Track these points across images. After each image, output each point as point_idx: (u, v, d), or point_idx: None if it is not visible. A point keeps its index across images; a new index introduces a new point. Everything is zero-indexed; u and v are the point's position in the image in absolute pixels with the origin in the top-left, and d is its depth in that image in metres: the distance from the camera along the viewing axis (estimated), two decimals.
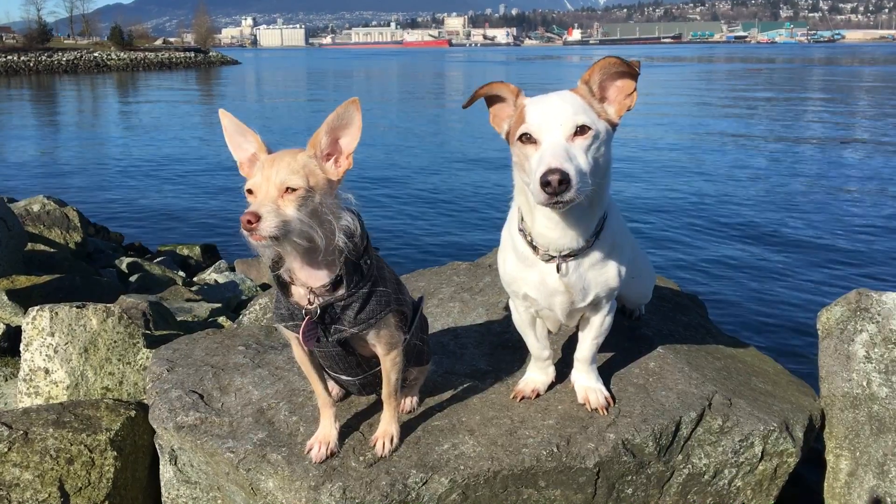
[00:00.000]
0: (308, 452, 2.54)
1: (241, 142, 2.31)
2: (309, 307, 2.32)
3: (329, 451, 2.54)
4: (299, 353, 2.50)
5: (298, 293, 2.34)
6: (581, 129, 2.20)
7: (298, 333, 2.35)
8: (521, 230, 2.54)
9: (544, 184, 2.08)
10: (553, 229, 2.41)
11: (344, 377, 2.62)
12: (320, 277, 2.29)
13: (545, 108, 2.25)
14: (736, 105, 39.14)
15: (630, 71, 2.31)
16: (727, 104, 39.77)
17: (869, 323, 3.13)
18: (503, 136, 2.42)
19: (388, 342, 2.46)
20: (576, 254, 2.48)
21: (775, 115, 34.08)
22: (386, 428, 2.61)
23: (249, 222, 2.04)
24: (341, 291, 2.31)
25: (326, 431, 2.58)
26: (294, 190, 2.12)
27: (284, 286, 2.36)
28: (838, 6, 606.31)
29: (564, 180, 2.07)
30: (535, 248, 2.50)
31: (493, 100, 2.43)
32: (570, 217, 2.37)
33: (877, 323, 3.12)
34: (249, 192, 2.15)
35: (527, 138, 2.24)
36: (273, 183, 2.11)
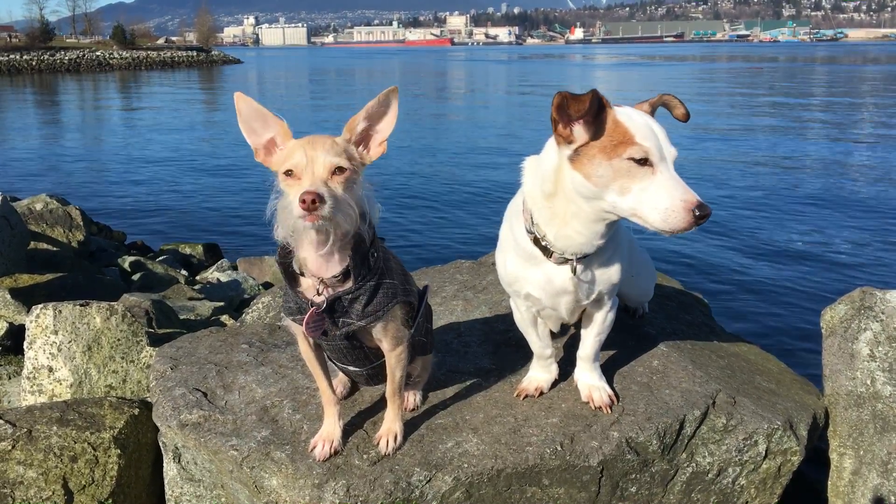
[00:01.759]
0: (312, 451, 2.54)
1: (258, 127, 2.28)
2: (316, 299, 2.31)
3: (332, 450, 2.53)
4: (305, 349, 2.49)
5: (307, 284, 2.33)
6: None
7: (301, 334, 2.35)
8: (530, 232, 2.52)
9: (700, 216, 2.11)
10: (584, 234, 2.39)
11: (352, 368, 2.62)
12: (332, 268, 2.28)
13: (659, 133, 2.23)
14: (738, 104, 39.10)
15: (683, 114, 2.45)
16: (730, 103, 39.72)
17: (873, 321, 3.13)
18: (574, 144, 2.27)
19: (394, 336, 2.45)
20: (587, 254, 2.48)
21: (778, 114, 34.04)
22: (389, 426, 2.61)
23: (314, 202, 2.02)
24: (349, 284, 2.30)
25: (330, 429, 2.57)
26: (343, 171, 2.12)
27: (292, 278, 2.35)
28: (841, 4, 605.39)
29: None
30: (547, 250, 2.49)
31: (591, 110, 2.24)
32: (604, 229, 2.39)
33: (881, 321, 3.11)
34: (288, 173, 2.13)
35: (642, 160, 2.18)
36: (321, 163, 2.10)
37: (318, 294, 2.31)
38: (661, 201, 2.16)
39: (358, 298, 2.33)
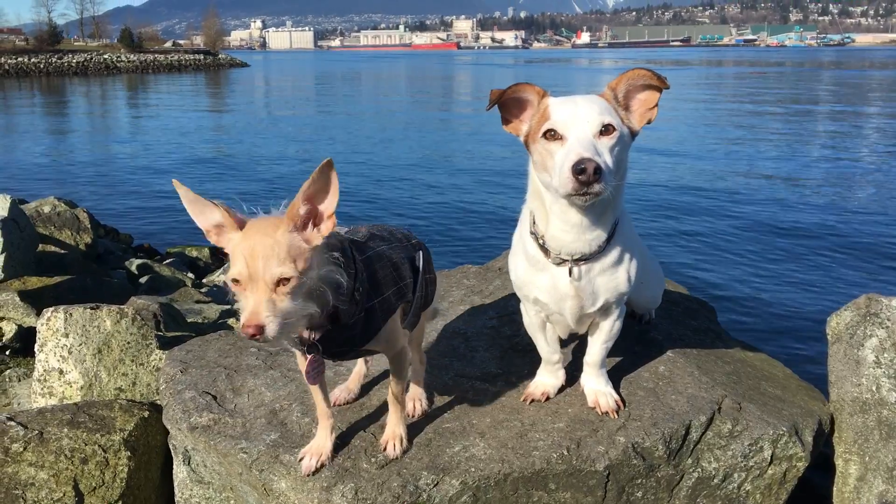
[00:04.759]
0: (299, 461, 2.54)
1: (201, 210, 2.13)
2: (308, 340, 2.27)
3: (320, 463, 2.52)
4: (301, 363, 2.48)
5: None
6: (606, 129, 2.24)
7: (303, 360, 2.35)
8: (532, 233, 2.56)
9: (578, 171, 2.10)
10: (568, 232, 2.42)
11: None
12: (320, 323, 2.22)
13: (572, 107, 2.28)
14: (745, 110, 39.04)
15: (657, 84, 2.35)
16: (737, 108, 39.68)
17: (878, 328, 3.14)
18: (521, 138, 2.43)
19: (392, 345, 2.47)
20: (587, 258, 2.49)
21: (785, 119, 33.97)
22: (393, 430, 2.62)
23: (254, 335, 1.94)
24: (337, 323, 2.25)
25: (321, 443, 2.57)
26: (287, 280, 2.00)
27: None
28: (848, 9, 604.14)
29: (598, 169, 2.10)
30: (546, 251, 2.52)
31: (508, 104, 2.43)
32: (586, 219, 2.39)
33: (887, 328, 3.12)
34: (235, 281, 2.02)
35: (551, 135, 2.26)
36: (263, 280, 1.98)
37: (311, 340, 2.26)
38: (555, 167, 2.22)
39: (350, 335, 2.30)
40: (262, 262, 1.97)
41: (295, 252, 2.02)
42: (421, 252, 2.73)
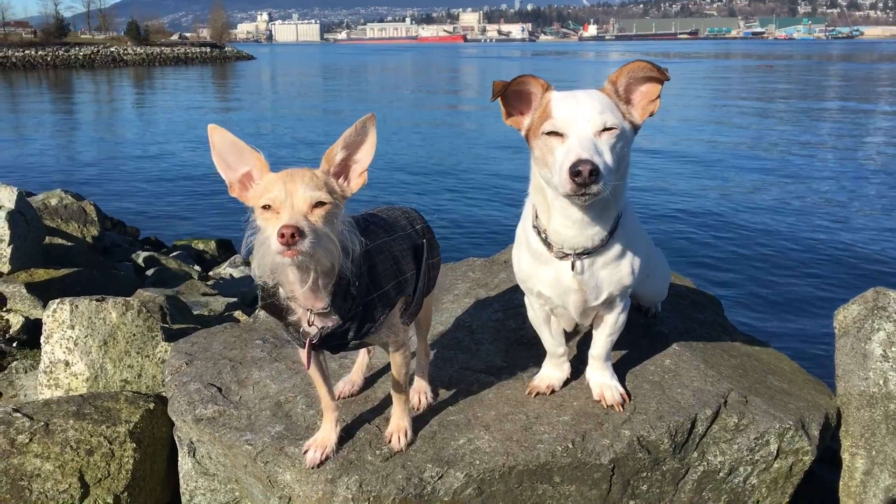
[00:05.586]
0: (304, 453, 2.54)
1: (233, 161, 2.19)
2: (308, 329, 2.26)
3: (324, 456, 2.52)
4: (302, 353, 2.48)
5: (298, 312, 2.26)
6: (607, 127, 2.21)
7: (301, 348, 2.34)
8: (535, 227, 2.55)
9: (574, 173, 2.09)
10: (569, 227, 2.41)
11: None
12: (322, 298, 2.20)
13: (573, 104, 2.25)
14: (752, 104, 38.87)
15: (658, 76, 2.30)
16: (743, 104, 39.50)
17: (886, 322, 3.12)
18: (522, 132, 2.40)
19: (394, 342, 2.47)
20: (590, 252, 2.48)
21: (791, 114, 33.81)
22: (398, 423, 2.63)
23: (293, 236, 1.92)
24: (336, 316, 2.24)
25: (326, 435, 2.57)
26: (323, 205, 2.04)
27: (280, 314, 2.26)
28: (857, 2, 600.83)
29: (595, 171, 2.08)
30: (549, 245, 2.51)
31: (511, 97, 2.40)
32: (587, 215, 2.37)
33: (894, 321, 3.10)
34: (266, 208, 2.04)
35: (552, 132, 2.24)
36: (301, 197, 2.02)
37: (310, 324, 2.25)
38: (555, 164, 2.20)
39: (348, 329, 2.29)
40: (301, 185, 2.04)
41: (329, 188, 2.11)
42: (425, 240, 2.71)
